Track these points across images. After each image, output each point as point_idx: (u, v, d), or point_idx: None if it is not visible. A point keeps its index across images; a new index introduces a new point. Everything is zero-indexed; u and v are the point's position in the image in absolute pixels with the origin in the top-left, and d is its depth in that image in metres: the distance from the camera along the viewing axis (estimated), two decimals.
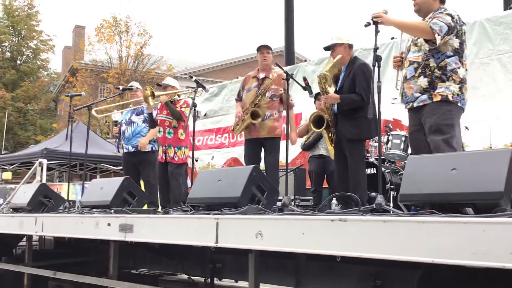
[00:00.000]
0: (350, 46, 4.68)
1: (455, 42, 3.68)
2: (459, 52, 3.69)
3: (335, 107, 4.65)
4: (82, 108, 6.60)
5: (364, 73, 4.47)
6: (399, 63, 3.94)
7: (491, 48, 6.35)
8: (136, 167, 6.31)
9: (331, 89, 4.59)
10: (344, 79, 4.60)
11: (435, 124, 3.62)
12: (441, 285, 2.72)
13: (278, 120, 5.35)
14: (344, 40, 4.63)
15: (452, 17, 3.63)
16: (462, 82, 3.67)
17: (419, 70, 3.73)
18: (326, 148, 6.09)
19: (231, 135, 9.61)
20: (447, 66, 3.67)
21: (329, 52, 4.76)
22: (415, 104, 3.76)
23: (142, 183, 6.34)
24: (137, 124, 6.33)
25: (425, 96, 3.69)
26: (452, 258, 1.90)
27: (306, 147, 6.39)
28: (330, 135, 4.69)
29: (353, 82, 4.50)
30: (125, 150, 6.32)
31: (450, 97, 3.62)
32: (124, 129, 6.37)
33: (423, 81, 3.71)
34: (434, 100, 3.66)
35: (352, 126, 4.48)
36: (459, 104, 3.65)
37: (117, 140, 6.59)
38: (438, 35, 3.56)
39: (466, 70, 3.74)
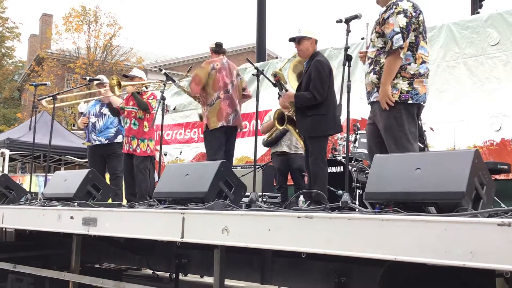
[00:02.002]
0: (316, 42, 4.72)
1: (410, 36, 3.52)
2: (412, 46, 3.54)
3: None
4: (47, 98, 6.43)
5: (317, 71, 4.47)
6: (364, 58, 3.89)
7: (458, 52, 6.48)
8: (103, 159, 6.21)
9: (288, 86, 4.70)
10: (303, 75, 4.64)
11: (385, 126, 3.59)
12: (403, 282, 2.77)
13: (204, 115, 5.40)
14: (312, 35, 4.66)
15: (405, 13, 3.48)
16: (413, 77, 3.55)
17: (371, 66, 3.69)
18: (288, 145, 6.14)
19: (200, 130, 9.55)
20: None
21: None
22: (370, 99, 3.74)
23: (107, 176, 6.24)
24: (109, 116, 6.25)
25: (377, 93, 3.63)
26: (414, 256, 1.93)
27: (268, 144, 6.37)
28: (297, 131, 4.74)
29: (310, 79, 4.51)
30: (97, 142, 6.21)
31: (396, 97, 3.52)
32: (95, 121, 6.27)
33: (373, 78, 3.66)
34: None
35: (306, 123, 4.53)
36: (410, 101, 3.53)
37: (86, 131, 6.46)
38: (401, 48, 3.45)
39: (424, 62, 3.59)
